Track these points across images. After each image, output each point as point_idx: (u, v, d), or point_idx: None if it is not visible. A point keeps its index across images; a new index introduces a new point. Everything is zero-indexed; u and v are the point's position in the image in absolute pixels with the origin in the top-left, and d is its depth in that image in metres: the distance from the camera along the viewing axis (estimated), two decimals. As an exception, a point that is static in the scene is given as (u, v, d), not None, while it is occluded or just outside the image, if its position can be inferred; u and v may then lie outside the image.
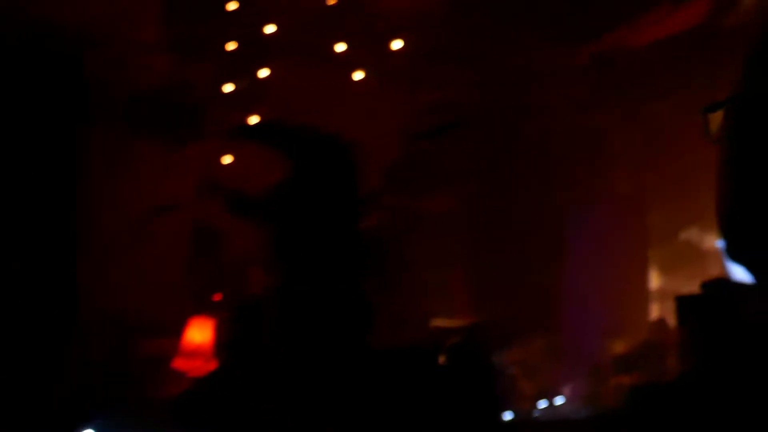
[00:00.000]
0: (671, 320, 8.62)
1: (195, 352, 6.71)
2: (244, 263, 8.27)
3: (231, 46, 8.49)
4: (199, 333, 6.78)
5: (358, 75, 8.96)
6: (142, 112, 7.65)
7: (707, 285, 3.58)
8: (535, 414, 8.51)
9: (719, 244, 8.95)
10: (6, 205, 7.05)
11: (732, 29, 8.52)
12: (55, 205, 7.36)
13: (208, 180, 4.50)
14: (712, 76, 8.48)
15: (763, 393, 1.19)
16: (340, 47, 8.68)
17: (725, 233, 1.41)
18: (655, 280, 10.43)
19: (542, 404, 8.73)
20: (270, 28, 8.39)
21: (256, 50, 8.65)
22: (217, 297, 7.75)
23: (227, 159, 8.37)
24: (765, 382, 1.21)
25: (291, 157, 3.72)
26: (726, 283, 3.59)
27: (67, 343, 6.82)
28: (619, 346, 9.21)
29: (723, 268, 8.16)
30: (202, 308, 7.30)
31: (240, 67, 8.66)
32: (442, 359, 2.88)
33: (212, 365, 6.50)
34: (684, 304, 5.45)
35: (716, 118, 1.41)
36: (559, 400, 9.21)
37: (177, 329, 7.29)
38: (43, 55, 7.38)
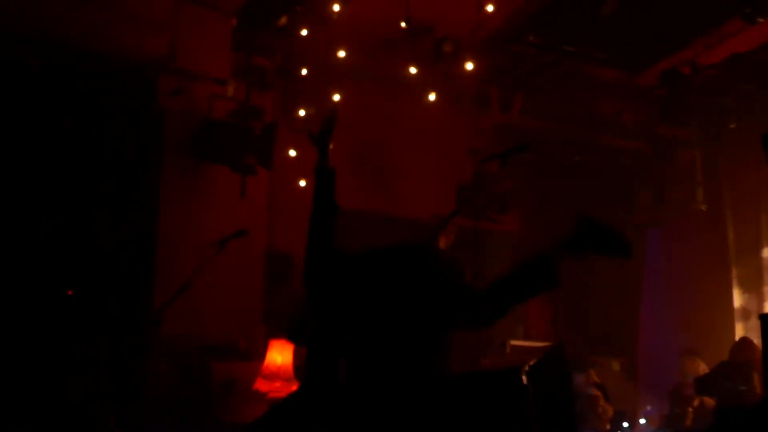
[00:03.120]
0: (755, 339, 8.40)
1: (275, 374, 6.74)
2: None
3: (302, 71, 8.57)
4: (280, 355, 6.81)
5: (427, 98, 8.96)
6: (213, 140, 7.74)
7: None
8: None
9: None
10: (87, 231, 7.21)
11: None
12: (133, 230, 7.50)
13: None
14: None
15: None
16: (410, 71, 8.70)
17: None
18: (737, 299, 10.16)
19: (624, 425, 8.56)
20: (341, 53, 8.45)
21: (327, 75, 8.71)
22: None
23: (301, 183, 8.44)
24: None
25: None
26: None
27: (143, 366, 6.91)
28: (701, 366, 8.98)
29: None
30: (281, 331, 7.33)
31: (311, 92, 8.73)
32: (523, 380, 2.83)
33: (292, 387, 6.52)
34: (769, 322, 5.29)
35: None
36: (640, 421, 9.02)
37: (253, 352, 7.34)
38: (119, 86, 7.55)
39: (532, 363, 3.26)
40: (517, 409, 3.09)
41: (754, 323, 9.38)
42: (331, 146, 3.82)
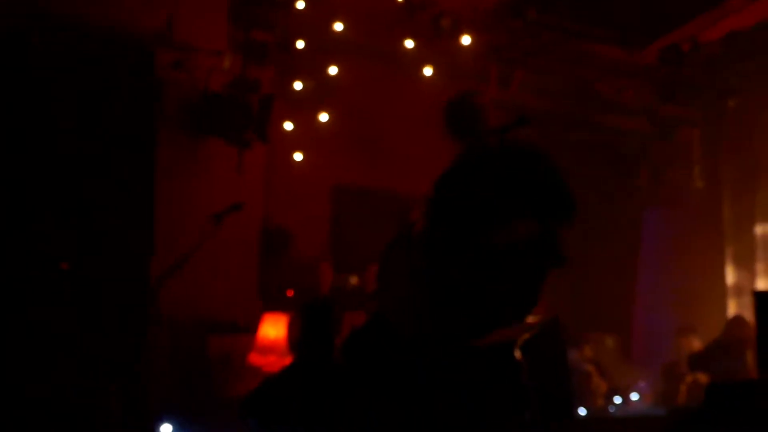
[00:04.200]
0: (748, 316, 8.44)
1: (269, 348, 6.75)
2: (313, 261, 8.31)
3: (299, 44, 8.53)
4: (273, 329, 6.82)
5: (424, 72, 8.94)
6: (210, 113, 7.71)
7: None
8: (610, 410, 8.40)
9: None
10: (82, 204, 7.19)
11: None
12: (130, 204, 7.48)
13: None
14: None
15: None
16: (407, 44, 8.67)
17: None
18: (731, 276, 10.19)
19: (616, 401, 8.61)
20: (338, 26, 8.41)
21: (324, 48, 8.68)
22: (290, 293, 7.80)
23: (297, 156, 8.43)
24: None
25: None
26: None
27: (143, 341, 6.91)
28: (695, 343, 9.04)
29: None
30: (276, 305, 7.34)
31: (308, 66, 8.69)
32: (516, 355, 2.84)
33: (286, 360, 6.53)
34: (762, 299, 5.33)
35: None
36: (633, 397, 9.07)
37: (250, 326, 7.36)
38: (116, 59, 7.52)
39: (526, 337, 3.26)
40: (510, 385, 3.10)
41: (747, 300, 9.43)
42: None
